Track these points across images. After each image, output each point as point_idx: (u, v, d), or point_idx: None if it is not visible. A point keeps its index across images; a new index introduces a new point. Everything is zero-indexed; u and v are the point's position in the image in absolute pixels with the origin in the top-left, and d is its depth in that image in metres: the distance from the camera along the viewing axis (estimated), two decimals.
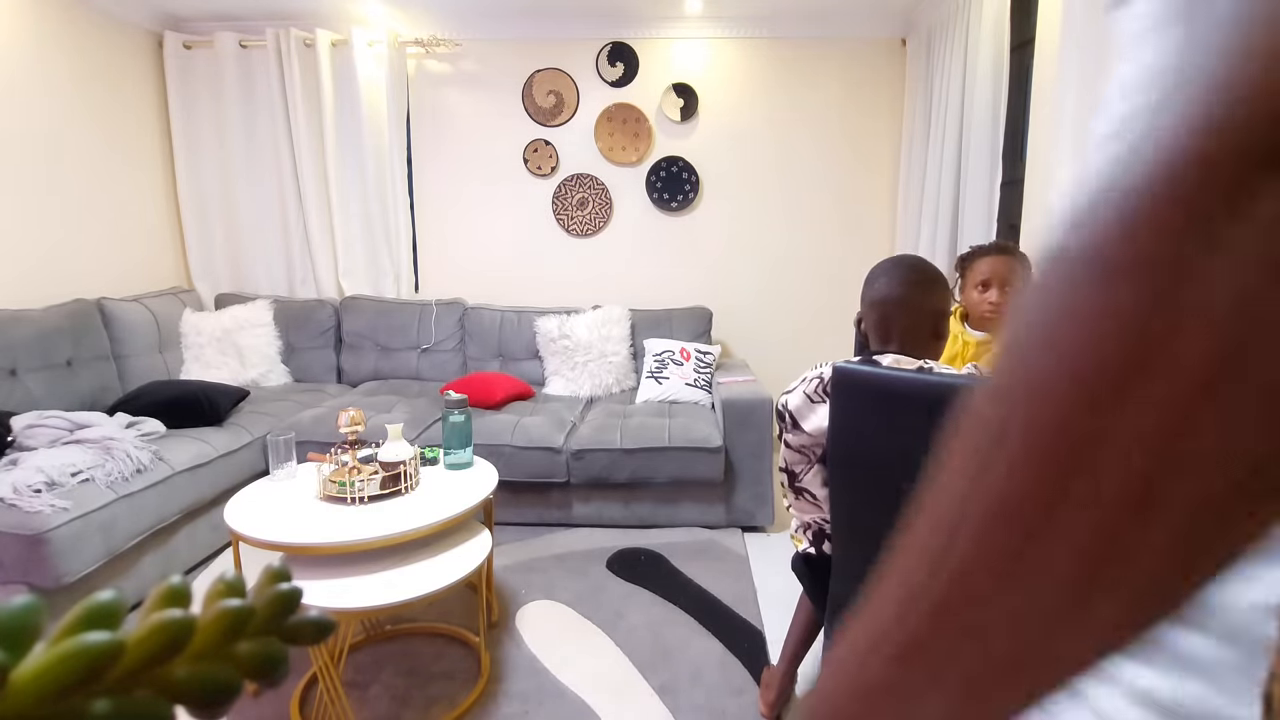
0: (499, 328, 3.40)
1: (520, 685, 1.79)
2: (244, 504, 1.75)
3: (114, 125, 3.17)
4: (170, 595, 0.23)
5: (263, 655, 0.24)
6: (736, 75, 3.52)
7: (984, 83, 2.59)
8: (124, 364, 2.87)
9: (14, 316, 2.46)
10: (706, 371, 3.12)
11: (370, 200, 3.53)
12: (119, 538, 2.00)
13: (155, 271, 3.41)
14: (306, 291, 3.63)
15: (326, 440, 2.52)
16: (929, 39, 3.13)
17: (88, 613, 0.21)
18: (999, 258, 1.77)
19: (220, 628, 0.23)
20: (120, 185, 3.20)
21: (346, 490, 1.73)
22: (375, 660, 1.88)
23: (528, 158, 3.61)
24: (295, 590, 0.25)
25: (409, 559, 1.66)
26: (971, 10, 2.64)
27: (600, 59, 3.50)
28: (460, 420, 2.01)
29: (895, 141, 3.51)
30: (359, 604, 1.47)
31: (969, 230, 2.69)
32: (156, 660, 0.22)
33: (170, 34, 3.39)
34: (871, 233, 3.55)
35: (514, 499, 2.68)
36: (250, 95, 3.47)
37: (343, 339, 3.47)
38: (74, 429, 2.18)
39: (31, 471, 1.89)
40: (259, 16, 3.38)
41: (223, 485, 2.46)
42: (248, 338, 3.25)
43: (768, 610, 2.16)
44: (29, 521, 1.78)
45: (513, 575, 2.36)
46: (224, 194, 3.56)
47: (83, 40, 2.99)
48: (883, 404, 1.28)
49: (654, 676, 1.83)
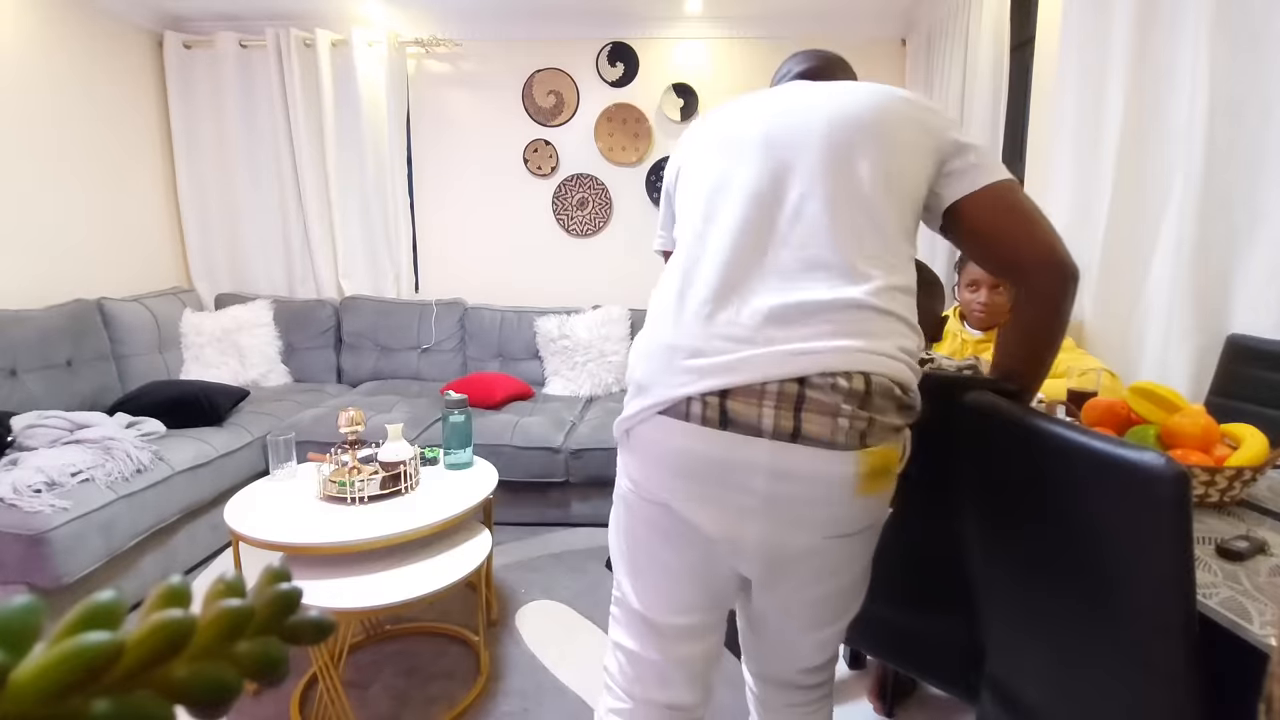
0: (499, 328, 3.40)
1: (520, 684, 1.79)
2: (244, 504, 1.75)
3: (114, 125, 3.17)
4: (170, 595, 0.23)
5: (263, 655, 0.24)
6: (736, 75, 3.52)
7: (984, 83, 2.59)
8: (124, 364, 2.87)
9: (14, 316, 2.46)
10: None
11: (370, 200, 3.53)
12: (119, 538, 2.00)
13: (155, 271, 3.41)
14: (306, 291, 3.63)
15: (326, 440, 2.52)
16: (929, 39, 3.13)
17: (88, 613, 0.21)
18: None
19: (220, 628, 0.23)
20: (120, 185, 3.20)
21: (346, 490, 1.73)
22: (375, 660, 1.88)
23: (528, 158, 3.61)
24: (295, 590, 0.25)
25: (409, 559, 1.66)
26: (971, 10, 2.64)
27: (600, 59, 3.50)
28: (460, 420, 2.01)
29: None
30: (359, 604, 1.47)
31: None
32: (156, 660, 0.22)
33: (170, 34, 3.38)
34: None
35: (514, 498, 2.68)
36: (250, 95, 3.47)
37: (343, 339, 3.47)
38: (74, 429, 2.18)
39: (31, 471, 1.89)
40: (259, 16, 3.38)
41: (223, 485, 2.46)
42: (248, 338, 3.25)
43: None
44: (29, 521, 1.78)
45: (512, 574, 2.36)
46: (224, 194, 3.55)
47: (83, 40, 2.99)
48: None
49: None
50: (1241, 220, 1.58)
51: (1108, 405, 1.28)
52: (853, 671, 1.87)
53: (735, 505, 0.79)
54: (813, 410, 0.74)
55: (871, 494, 0.78)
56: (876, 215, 0.83)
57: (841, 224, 0.81)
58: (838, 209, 0.82)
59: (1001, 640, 1.06)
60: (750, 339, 0.77)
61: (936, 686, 1.31)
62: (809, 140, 0.85)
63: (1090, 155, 1.92)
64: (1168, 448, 1.13)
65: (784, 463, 0.75)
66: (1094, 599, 0.82)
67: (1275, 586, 0.84)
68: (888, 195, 0.84)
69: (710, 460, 0.77)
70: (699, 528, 0.82)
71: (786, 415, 0.74)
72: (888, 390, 0.76)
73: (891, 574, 1.34)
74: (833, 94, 0.89)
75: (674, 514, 0.84)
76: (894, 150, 0.85)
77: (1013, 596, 1.00)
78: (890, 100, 0.88)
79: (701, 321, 0.80)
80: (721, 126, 0.94)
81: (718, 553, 0.84)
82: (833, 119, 0.86)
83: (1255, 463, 1.05)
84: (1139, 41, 1.75)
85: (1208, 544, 0.94)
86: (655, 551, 0.88)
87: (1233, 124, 1.55)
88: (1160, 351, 1.74)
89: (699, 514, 0.81)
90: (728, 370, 0.76)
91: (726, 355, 0.77)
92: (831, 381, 0.74)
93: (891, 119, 0.86)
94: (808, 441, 0.74)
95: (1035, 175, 2.33)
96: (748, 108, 0.93)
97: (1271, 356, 1.49)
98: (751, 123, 0.91)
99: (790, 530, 0.79)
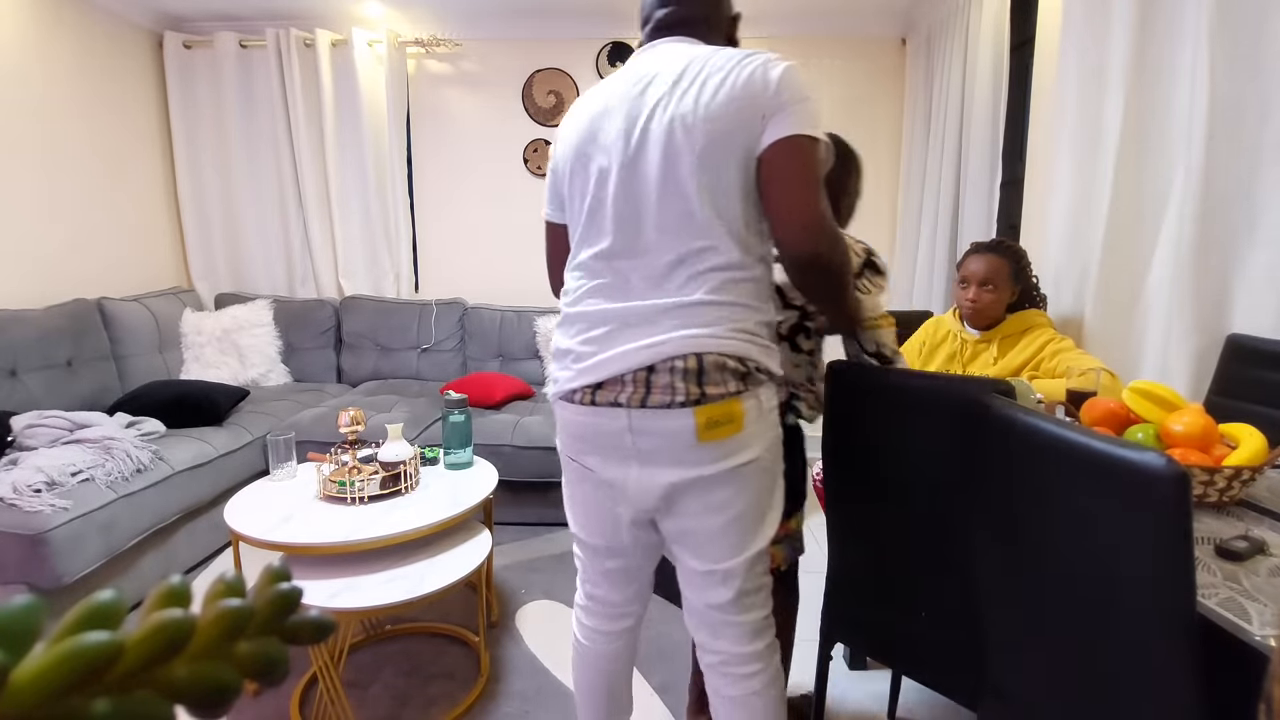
0: (499, 328, 3.40)
1: (520, 684, 1.79)
2: (244, 504, 1.75)
3: (114, 125, 3.17)
4: (170, 595, 0.23)
5: (262, 655, 0.24)
6: None
7: (984, 83, 2.59)
8: (124, 364, 2.87)
9: (14, 316, 2.46)
10: None
11: (370, 200, 3.53)
12: (119, 538, 2.00)
13: (155, 271, 3.41)
14: (306, 291, 3.63)
15: (326, 440, 2.52)
16: (929, 38, 3.13)
17: (88, 613, 0.21)
18: (975, 256, 1.81)
19: (220, 628, 0.23)
20: (120, 185, 3.20)
21: (346, 490, 1.73)
22: (375, 660, 1.88)
23: (528, 158, 3.61)
24: (295, 590, 0.25)
25: (409, 559, 1.66)
26: (971, 10, 2.64)
27: (600, 59, 3.50)
28: (460, 420, 2.01)
29: (895, 141, 3.52)
30: (359, 604, 1.47)
31: (969, 230, 2.69)
32: (156, 660, 0.22)
33: (170, 34, 3.39)
34: (871, 232, 3.53)
35: (514, 498, 2.68)
36: (250, 95, 3.47)
37: (343, 339, 3.47)
38: (74, 429, 2.18)
39: (31, 471, 1.89)
40: (259, 16, 3.38)
41: (223, 485, 2.46)
42: (248, 338, 3.25)
43: None
44: (29, 521, 1.79)
45: (513, 575, 2.36)
46: (224, 194, 3.56)
47: (83, 40, 2.99)
48: (883, 404, 1.28)
49: (654, 676, 1.83)
50: (1241, 220, 1.58)
51: (1107, 405, 1.28)
52: (853, 672, 1.87)
53: (616, 456, 1.07)
54: (657, 387, 1.00)
55: (713, 440, 1.01)
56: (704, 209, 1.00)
57: (672, 231, 1.02)
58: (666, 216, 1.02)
59: (1002, 641, 1.06)
60: (610, 343, 1.03)
61: (937, 690, 1.31)
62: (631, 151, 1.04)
63: (1090, 155, 1.92)
64: (1166, 447, 1.13)
65: (640, 424, 1.02)
66: (1094, 599, 0.82)
67: (1274, 587, 0.84)
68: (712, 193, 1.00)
69: (594, 428, 1.07)
70: (596, 473, 1.11)
71: (639, 393, 1.01)
72: (719, 364, 1.00)
73: (892, 576, 1.34)
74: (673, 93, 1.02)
75: (582, 466, 1.13)
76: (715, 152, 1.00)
77: (1013, 597, 1.00)
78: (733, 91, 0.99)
79: (576, 331, 1.08)
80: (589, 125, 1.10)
81: (612, 494, 1.11)
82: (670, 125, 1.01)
83: (1254, 462, 1.05)
84: (1139, 41, 1.75)
85: (1207, 544, 0.94)
86: (575, 491, 1.20)
87: (1233, 124, 1.55)
88: (1160, 351, 1.74)
89: (594, 464, 1.11)
90: (596, 369, 1.03)
91: (593, 359, 1.04)
92: (670, 365, 1.00)
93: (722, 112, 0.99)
94: (655, 406, 1.00)
95: (1035, 175, 2.33)
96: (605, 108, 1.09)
97: (1271, 356, 1.49)
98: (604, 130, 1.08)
99: (656, 470, 1.05)
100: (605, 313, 1.05)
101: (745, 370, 1.02)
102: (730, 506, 1.05)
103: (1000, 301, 1.77)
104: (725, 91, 0.98)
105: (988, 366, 1.77)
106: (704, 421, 0.99)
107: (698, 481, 1.03)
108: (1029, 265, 1.85)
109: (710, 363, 0.99)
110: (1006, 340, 1.78)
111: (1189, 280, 1.63)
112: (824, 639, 1.48)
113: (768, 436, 1.06)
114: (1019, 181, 2.45)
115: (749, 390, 1.02)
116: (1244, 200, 1.57)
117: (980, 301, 1.78)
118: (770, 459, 1.08)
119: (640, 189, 1.02)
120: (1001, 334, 1.79)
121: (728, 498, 1.05)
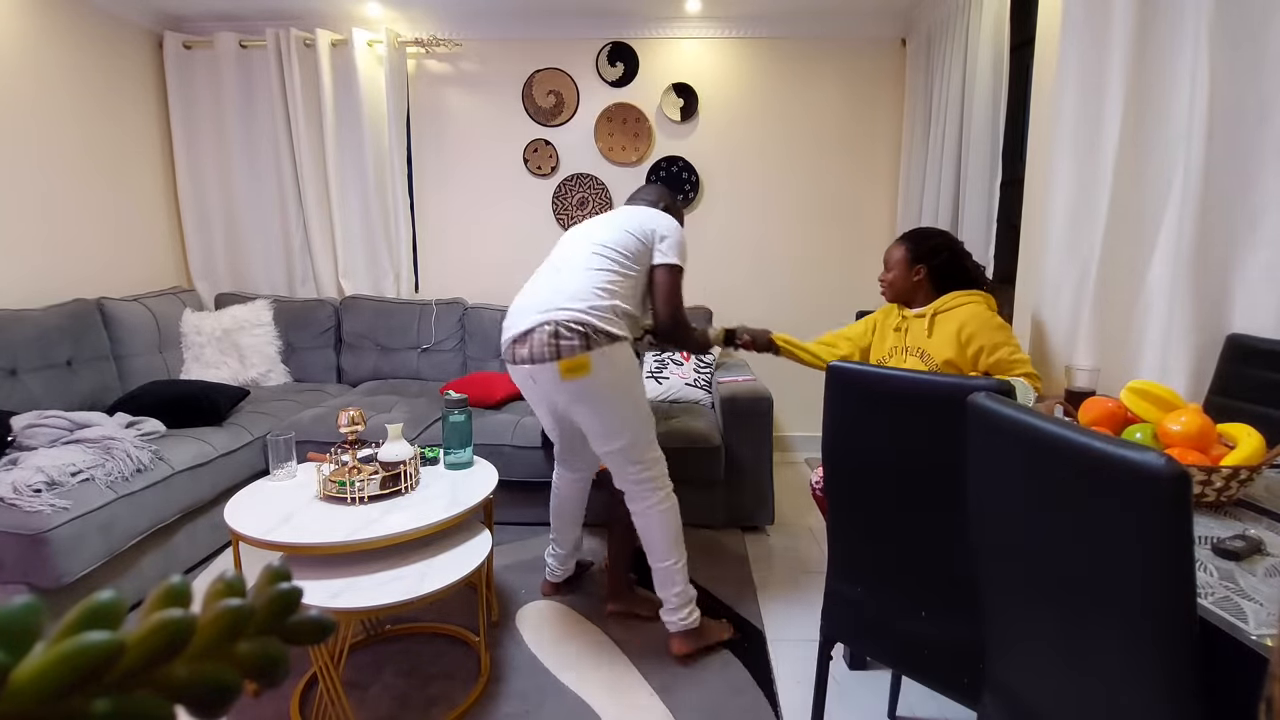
0: (499, 327, 3.39)
1: (520, 685, 1.79)
2: (244, 504, 1.75)
3: (114, 125, 3.17)
4: (170, 595, 0.23)
5: (262, 655, 0.24)
6: (736, 75, 3.53)
7: (984, 83, 2.59)
8: (124, 364, 2.87)
9: (14, 316, 2.46)
10: (706, 371, 3.12)
11: (370, 200, 3.53)
12: (119, 537, 2.00)
13: (155, 271, 3.41)
14: (306, 291, 3.63)
15: (326, 440, 2.52)
16: (929, 39, 3.13)
17: (88, 613, 0.21)
18: (891, 244, 2.05)
19: (220, 628, 0.23)
20: (120, 185, 3.20)
21: (346, 490, 1.73)
22: (375, 660, 1.89)
23: (528, 158, 3.61)
24: (295, 590, 0.25)
25: (409, 559, 1.66)
26: (971, 10, 2.64)
27: (600, 59, 3.50)
28: (460, 420, 2.01)
29: (895, 141, 3.51)
30: (359, 604, 1.48)
31: (969, 230, 2.69)
32: (156, 660, 0.22)
33: (170, 34, 3.39)
34: (871, 231, 3.55)
35: (514, 498, 2.68)
36: (250, 95, 3.47)
37: (343, 339, 3.47)
38: (74, 429, 2.18)
39: (31, 471, 1.89)
40: (259, 16, 3.38)
41: (223, 485, 2.46)
42: (248, 338, 3.25)
43: (768, 610, 2.16)
44: (29, 521, 1.79)
45: (513, 575, 2.36)
46: (224, 194, 3.56)
47: (83, 40, 2.99)
48: (882, 406, 1.28)
49: (654, 676, 1.83)
50: (1241, 220, 1.58)
51: (1105, 405, 1.28)
52: (853, 672, 1.87)
53: (536, 391, 1.87)
54: (534, 345, 1.72)
55: (572, 379, 1.71)
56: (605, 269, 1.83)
57: (583, 272, 1.83)
58: (584, 265, 1.84)
59: (1002, 641, 1.06)
60: (522, 321, 1.78)
61: (937, 689, 1.31)
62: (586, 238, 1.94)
63: (1090, 155, 1.92)
64: (1164, 447, 1.13)
65: (534, 373, 1.76)
66: (1094, 599, 0.82)
67: (1271, 586, 0.84)
68: (619, 261, 1.85)
69: (517, 375, 1.84)
70: (533, 398, 1.95)
71: (524, 351, 1.74)
72: (570, 329, 1.70)
73: (892, 576, 1.34)
74: (611, 218, 1.97)
75: (528, 396, 1.95)
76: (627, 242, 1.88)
77: (1013, 597, 1.00)
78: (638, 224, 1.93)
79: (513, 315, 1.85)
80: (575, 231, 2.05)
81: (546, 408, 1.97)
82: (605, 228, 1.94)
83: (1251, 462, 1.05)
84: (1139, 41, 1.75)
85: (1204, 544, 0.95)
86: (535, 408, 2.04)
87: (1233, 124, 1.55)
88: (1160, 351, 1.74)
89: (528, 393, 1.93)
90: (510, 332, 1.82)
91: (512, 331, 1.80)
92: (539, 331, 1.72)
93: (631, 233, 1.90)
94: (536, 360, 1.72)
95: (1035, 175, 2.33)
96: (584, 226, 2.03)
97: (1271, 356, 1.49)
98: (579, 230, 2.01)
99: (552, 396, 1.81)
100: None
101: (585, 331, 1.70)
102: (602, 414, 1.78)
103: (899, 281, 1.96)
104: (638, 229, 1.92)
105: (920, 336, 1.90)
106: (564, 368, 1.70)
107: (581, 402, 1.77)
108: (948, 249, 1.95)
109: (563, 329, 1.71)
110: (940, 315, 1.89)
111: (1188, 280, 1.63)
112: (824, 639, 1.48)
113: (612, 373, 1.75)
114: (1019, 181, 2.45)
115: (598, 345, 1.71)
116: (1244, 200, 1.57)
117: (888, 280, 1.99)
118: (613, 389, 1.78)
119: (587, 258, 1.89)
120: (934, 310, 1.90)
121: (592, 410, 1.78)
